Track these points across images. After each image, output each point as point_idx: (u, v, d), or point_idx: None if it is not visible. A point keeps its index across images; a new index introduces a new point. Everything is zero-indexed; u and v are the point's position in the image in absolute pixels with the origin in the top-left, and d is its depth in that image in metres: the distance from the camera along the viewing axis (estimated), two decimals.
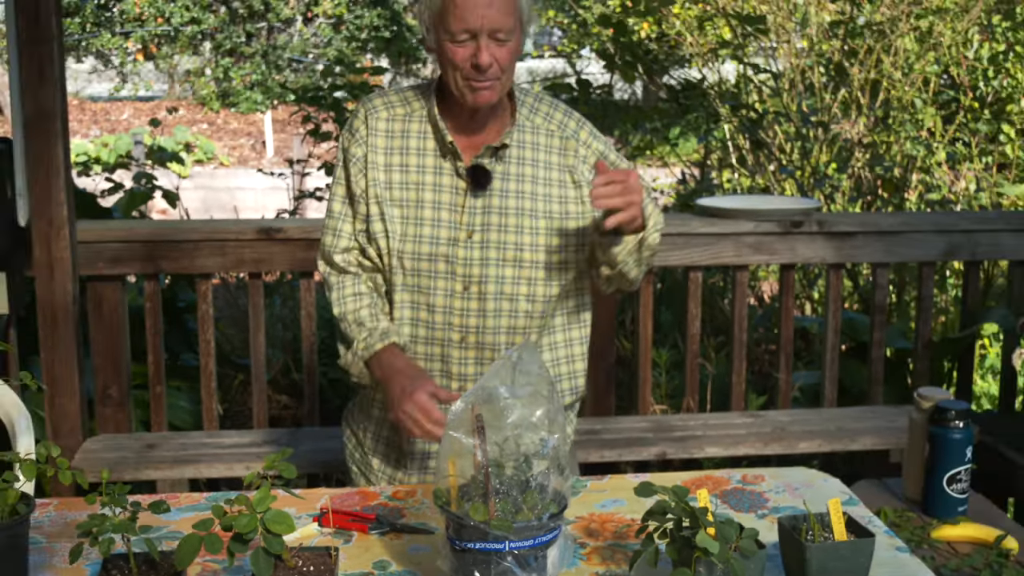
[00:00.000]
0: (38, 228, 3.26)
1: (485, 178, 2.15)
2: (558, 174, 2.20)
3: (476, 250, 2.15)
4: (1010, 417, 3.96)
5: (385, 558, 1.85)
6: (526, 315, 2.18)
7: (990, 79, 6.12)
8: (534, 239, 2.16)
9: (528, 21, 2.11)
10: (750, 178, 6.11)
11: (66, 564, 1.74)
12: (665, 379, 4.40)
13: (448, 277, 2.15)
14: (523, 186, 2.18)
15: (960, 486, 2.48)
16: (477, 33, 2.03)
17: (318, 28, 17.79)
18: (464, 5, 2.01)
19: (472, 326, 2.17)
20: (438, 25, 2.07)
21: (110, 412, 3.53)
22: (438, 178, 2.17)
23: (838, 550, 1.70)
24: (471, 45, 2.04)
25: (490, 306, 2.16)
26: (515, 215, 2.16)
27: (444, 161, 2.17)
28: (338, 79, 5.71)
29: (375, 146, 2.19)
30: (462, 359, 2.20)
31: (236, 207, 10.98)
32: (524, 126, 2.21)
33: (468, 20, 2.02)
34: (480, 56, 2.03)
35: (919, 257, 3.90)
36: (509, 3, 2.04)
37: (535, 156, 2.20)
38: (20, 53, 3.17)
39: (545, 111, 2.25)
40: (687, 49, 6.48)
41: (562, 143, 2.22)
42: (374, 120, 2.21)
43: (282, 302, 5.27)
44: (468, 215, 2.16)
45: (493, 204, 2.16)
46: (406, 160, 2.18)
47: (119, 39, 18.03)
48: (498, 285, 2.16)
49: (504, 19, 2.03)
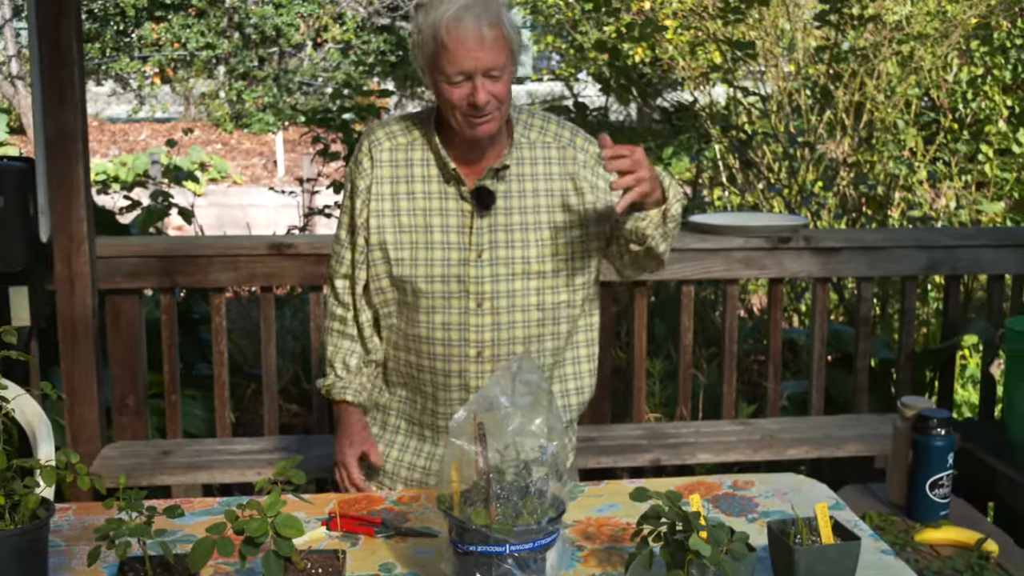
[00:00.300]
0: (59, 244, 3.26)
1: (489, 199, 2.15)
2: (559, 183, 2.20)
3: (486, 267, 2.15)
4: (990, 425, 3.95)
5: (390, 560, 1.84)
6: (538, 323, 2.19)
7: (969, 101, 6.14)
8: (540, 250, 2.17)
9: (518, 51, 2.08)
10: (740, 196, 6.12)
11: (84, 566, 1.74)
12: (659, 388, 4.40)
13: (462, 296, 2.15)
14: (526, 201, 2.18)
15: (942, 491, 2.48)
16: (472, 74, 2.00)
17: (327, 53, 17.83)
18: (457, 49, 1.98)
19: (487, 340, 2.17)
20: (432, 68, 2.05)
21: (127, 420, 3.52)
22: (444, 203, 2.17)
23: (825, 553, 1.70)
24: (467, 85, 2.02)
25: (503, 319, 2.16)
26: (520, 230, 2.16)
27: (448, 186, 2.17)
28: (346, 101, 5.70)
29: (380, 177, 2.19)
30: (479, 373, 2.19)
31: (248, 224, 10.98)
32: (521, 144, 2.20)
33: (462, 63, 1.99)
34: (477, 96, 2.01)
35: (902, 272, 3.90)
36: (499, 41, 2.01)
37: (535, 170, 2.20)
38: (43, 77, 3.17)
39: (539, 125, 2.24)
40: (679, 73, 6.49)
41: (560, 152, 2.22)
42: (378, 152, 2.21)
43: (292, 315, 5.28)
44: (476, 235, 2.15)
45: (499, 222, 2.16)
46: (412, 187, 2.18)
47: (137, 63, 18.07)
48: (509, 299, 2.16)
49: (496, 57, 2.01)
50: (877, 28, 5.76)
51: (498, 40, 2.01)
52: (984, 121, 6.10)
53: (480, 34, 1.98)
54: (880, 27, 5.78)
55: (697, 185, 6.69)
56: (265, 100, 17.37)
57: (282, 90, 17.49)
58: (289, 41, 17.52)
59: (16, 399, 1.73)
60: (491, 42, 1.99)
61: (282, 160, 15.48)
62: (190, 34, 17.49)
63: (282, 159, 15.49)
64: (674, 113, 6.29)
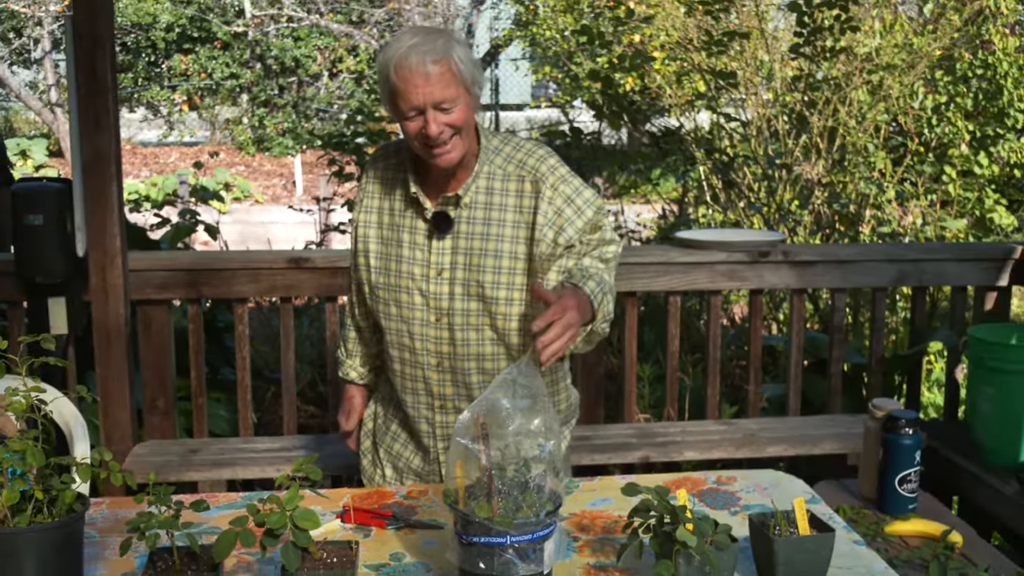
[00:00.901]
0: (94, 258, 3.26)
1: (446, 224, 2.12)
2: (513, 215, 2.12)
3: (445, 285, 2.13)
4: (954, 425, 3.95)
5: (400, 550, 1.84)
6: (492, 342, 2.15)
7: (934, 127, 6.14)
8: (496, 276, 2.11)
9: (474, 82, 2.03)
10: (723, 213, 6.12)
11: (117, 556, 1.74)
12: (648, 391, 4.39)
13: (423, 308, 2.15)
14: (486, 228, 2.12)
15: (910, 486, 2.48)
16: (423, 108, 1.98)
17: (342, 82, 17.86)
18: (406, 88, 1.97)
19: (446, 352, 2.16)
20: (390, 105, 2.04)
21: (157, 421, 3.52)
22: (413, 222, 2.17)
23: (802, 543, 1.70)
24: (419, 119, 2.00)
25: (458, 335, 2.14)
26: (478, 255, 2.12)
27: (416, 208, 2.17)
28: (359, 127, 5.71)
29: (371, 192, 2.24)
30: (440, 380, 2.19)
31: (269, 239, 10.98)
32: (494, 174, 2.14)
33: (411, 99, 1.98)
34: (428, 128, 1.99)
35: (872, 283, 3.90)
36: (447, 76, 1.98)
37: (503, 200, 2.13)
38: (80, 104, 3.18)
39: (508, 152, 2.15)
40: (667, 100, 6.50)
41: (518, 185, 2.13)
42: (372, 171, 2.25)
43: (309, 323, 5.27)
44: (437, 255, 2.14)
45: (460, 245, 2.13)
46: (392, 204, 2.20)
47: (167, 92, 18.11)
48: (464, 317, 2.13)
49: (444, 91, 1.98)
50: (849, 59, 5.77)
51: (444, 75, 1.97)
52: (948, 145, 6.10)
53: (425, 71, 1.96)
54: (851, 58, 5.79)
55: (683, 203, 6.69)
56: (285, 125, 17.39)
57: (300, 116, 17.51)
58: (307, 71, 17.56)
59: (54, 401, 1.73)
60: (436, 77, 1.97)
61: (300, 181, 15.48)
62: (216, 65, 17.53)
63: (300, 180, 15.49)
64: (662, 137, 6.29)
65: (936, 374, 5.39)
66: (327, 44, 17.37)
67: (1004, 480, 3.30)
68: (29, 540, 1.52)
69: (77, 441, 2.46)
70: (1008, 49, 6.13)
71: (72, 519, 1.57)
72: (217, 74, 17.53)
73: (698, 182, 6.41)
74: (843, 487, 2.74)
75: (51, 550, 1.54)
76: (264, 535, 1.52)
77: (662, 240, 6.16)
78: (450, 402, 2.19)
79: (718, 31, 5.84)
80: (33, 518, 1.55)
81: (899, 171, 5.93)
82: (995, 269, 3.91)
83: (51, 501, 1.58)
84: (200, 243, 9.26)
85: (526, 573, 1.59)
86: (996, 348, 3.35)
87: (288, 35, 17.48)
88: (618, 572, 1.75)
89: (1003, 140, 6.11)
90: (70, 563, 1.58)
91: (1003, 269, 3.91)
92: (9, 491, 1.53)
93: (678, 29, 6.41)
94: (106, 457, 1.62)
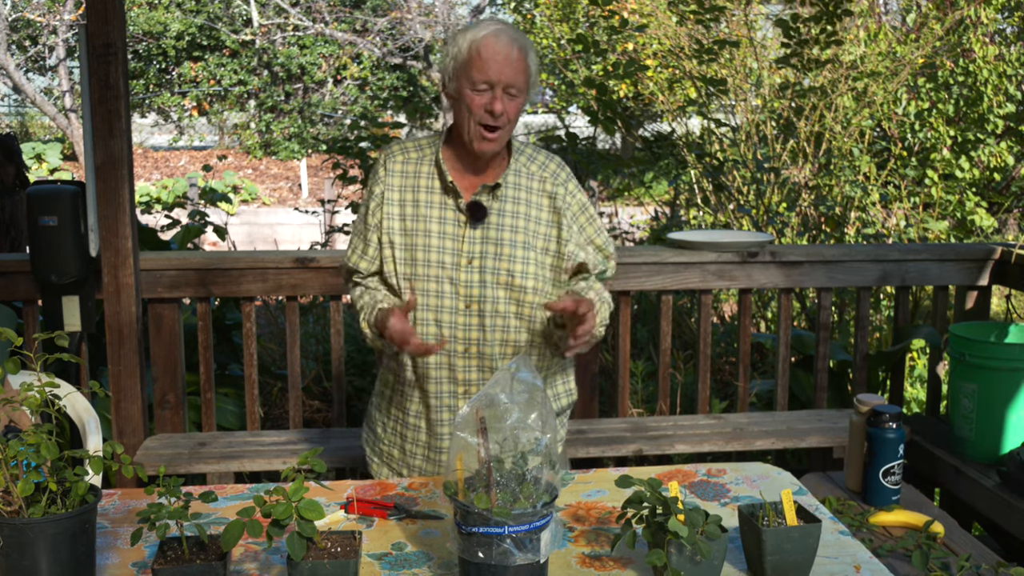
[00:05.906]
0: (107, 258, 3.26)
1: (481, 212, 2.16)
2: (547, 214, 2.21)
3: (475, 274, 2.16)
4: (936, 420, 3.95)
5: (402, 540, 1.84)
6: (516, 330, 2.18)
7: (916, 132, 6.15)
8: (524, 266, 2.16)
9: (534, 84, 2.14)
10: (713, 215, 6.12)
11: (128, 546, 1.73)
12: (641, 387, 4.39)
13: (453, 296, 2.16)
14: (516, 221, 2.18)
15: (894, 478, 2.48)
16: (494, 85, 2.07)
17: (346, 88, 17.87)
18: (489, 59, 2.05)
19: (474, 339, 2.17)
20: (461, 75, 2.10)
21: (167, 415, 3.52)
22: (443, 212, 2.18)
23: (790, 533, 1.69)
24: (488, 95, 2.07)
25: (487, 322, 2.16)
26: (508, 245, 2.16)
27: (447, 198, 2.18)
28: (363, 132, 5.70)
29: (391, 185, 2.21)
30: (466, 367, 2.20)
31: (276, 240, 11.00)
32: (520, 171, 2.21)
33: (489, 72, 2.06)
34: (495, 104, 2.07)
35: (857, 283, 3.90)
36: (523, 65, 2.09)
37: (528, 196, 2.21)
38: (93, 109, 3.18)
39: (541, 160, 2.26)
40: (659, 106, 6.51)
41: (553, 188, 2.23)
42: (392, 164, 2.23)
43: (315, 321, 5.27)
44: (468, 244, 2.16)
45: (490, 235, 2.17)
46: (416, 196, 2.20)
47: (177, 98, 18.11)
48: (493, 304, 2.16)
49: (517, 77, 2.08)
50: (834, 67, 5.77)
51: (521, 63, 2.09)
52: (930, 149, 6.11)
53: (510, 53, 2.06)
54: (837, 66, 5.79)
55: (675, 206, 6.69)
56: (291, 130, 17.39)
57: (306, 121, 17.52)
58: (312, 78, 17.56)
59: (68, 396, 1.73)
60: (516, 62, 2.07)
61: (306, 183, 15.48)
62: (224, 72, 17.53)
63: (306, 183, 15.50)
64: (654, 142, 6.29)
65: (919, 370, 5.39)
66: (332, 52, 17.38)
67: (984, 473, 3.30)
68: (43, 530, 1.52)
69: (90, 435, 2.46)
70: (988, 57, 6.14)
71: (85, 510, 1.57)
72: (226, 81, 17.53)
73: (689, 185, 6.41)
74: (829, 479, 2.74)
75: (65, 540, 1.54)
76: (270, 525, 1.52)
77: (655, 241, 6.16)
78: (474, 387, 2.20)
79: (709, 40, 5.84)
80: (47, 509, 1.55)
81: (883, 175, 5.94)
82: (976, 269, 3.91)
83: (65, 492, 1.58)
84: (209, 244, 9.26)
85: (523, 562, 1.59)
86: (976, 345, 3.36)
87: (294, 43, 17.48)
88: (612, 561, 1.75)
89: (983, 145, 6.12)
90: (83, 552, 1.58)
91: (983, 269, 3.91)
92: (24, 483, 1.53)
93: (670, 38, 6.41)
94: (118, 450, 1.61)
